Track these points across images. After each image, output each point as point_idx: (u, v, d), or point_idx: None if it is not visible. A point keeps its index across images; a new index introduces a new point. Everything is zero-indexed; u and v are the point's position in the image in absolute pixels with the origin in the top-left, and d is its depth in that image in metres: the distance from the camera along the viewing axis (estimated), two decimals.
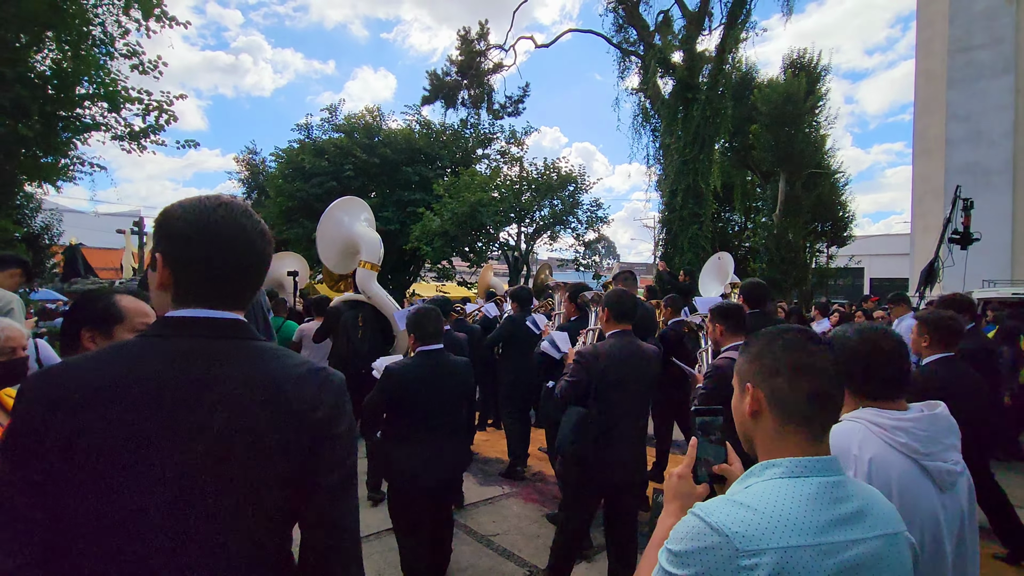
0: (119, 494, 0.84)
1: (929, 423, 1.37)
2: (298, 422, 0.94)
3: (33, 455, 0.84)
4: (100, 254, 27.55)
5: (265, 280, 1.11)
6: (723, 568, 0.85)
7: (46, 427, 0.84)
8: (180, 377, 0.90)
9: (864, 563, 0.90)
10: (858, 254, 20.85)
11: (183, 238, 0.95)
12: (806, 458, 0.97)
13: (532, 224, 17.64)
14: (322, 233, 5.24)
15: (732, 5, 15.10)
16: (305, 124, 22.17)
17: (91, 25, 7.02)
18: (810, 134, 17.74)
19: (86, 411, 0.85)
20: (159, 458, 0.87)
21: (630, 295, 3.14)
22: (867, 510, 0.95)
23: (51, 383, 0.87)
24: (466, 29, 21.35)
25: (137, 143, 7.57)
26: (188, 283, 0.97)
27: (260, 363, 0.96)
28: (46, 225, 15.48)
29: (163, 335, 0.95)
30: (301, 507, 0.96)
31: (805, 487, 0.93)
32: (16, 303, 3.25)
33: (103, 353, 0.93)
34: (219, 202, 1.00)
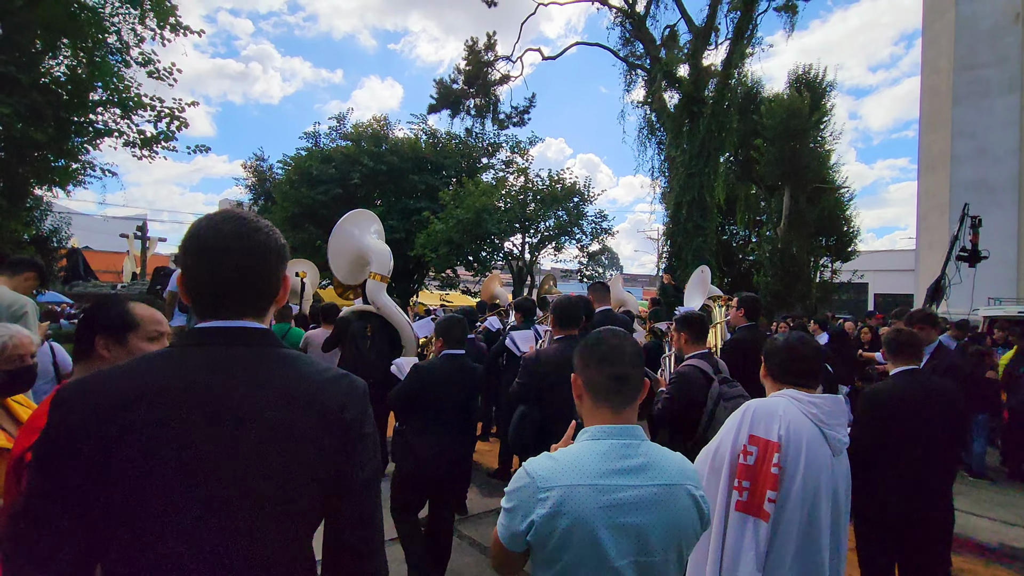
0: (156, 501, 0.86)
1: (832, 403, 1.89)
2: (331, 423, 0.98)
3: (68, 465, 0.85)
4: (105, 257, 27.72)
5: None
6: (528, 500, 1.20)
7: (82, 437, 0.85)
8: (215, 384, 0.93)
9: (638, 503, 1.21)
10: (862, 269, 20.80)
11: (191, 252, 0.99)
12: (607, 426, 1.30)
13: (537, 234, 17.68)
14: (333, 245, 5.28)
15: (739, 20, 15.22)
16: (313, 132, 22.39)
17: (106, 33, 7.14)
18: (815, 149, 17.78)
19: (122, 420, 0.86)
20: (197, 464, 0.88)
21: (577, 303, 3.44)
22: (651, 465, 1.26)
23: (87, 393, 0.89)
24: (474, 40, 21.55)
25: (148, 149, 7.65)
26: (199, 294, 1.00)
27: (291, 368, 1.00)
28: (55, 228, 15.58)
29: (194, 344, 0.97)
30: (333, 504, 1.00)
31: (599, 446, 1.26)
32: (30, 307, 3.26)
33: (137, 363, 0.95)
34: (226, 216, 1.02)
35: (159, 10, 7.12)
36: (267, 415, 0.93)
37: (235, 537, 0.90)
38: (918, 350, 2.89)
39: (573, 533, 1.18)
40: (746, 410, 1.94)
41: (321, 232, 18.34)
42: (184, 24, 7.51)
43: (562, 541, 1.18)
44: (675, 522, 1.24)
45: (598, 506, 1.18)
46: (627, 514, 1.20)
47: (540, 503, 1.19)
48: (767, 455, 1.80)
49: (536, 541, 1.20)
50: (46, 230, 14.87)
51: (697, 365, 3.08)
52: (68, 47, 6.79)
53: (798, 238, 17.36)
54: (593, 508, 1.18)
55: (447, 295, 20.54)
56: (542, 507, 1.18)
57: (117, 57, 7.26)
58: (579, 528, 1.17)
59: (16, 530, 0.87)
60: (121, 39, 7.24)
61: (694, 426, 2.95)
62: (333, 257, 5.32)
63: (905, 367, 2.80)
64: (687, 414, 2.99)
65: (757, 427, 1.86)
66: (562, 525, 1.17)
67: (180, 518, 0.87)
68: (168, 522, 0.87)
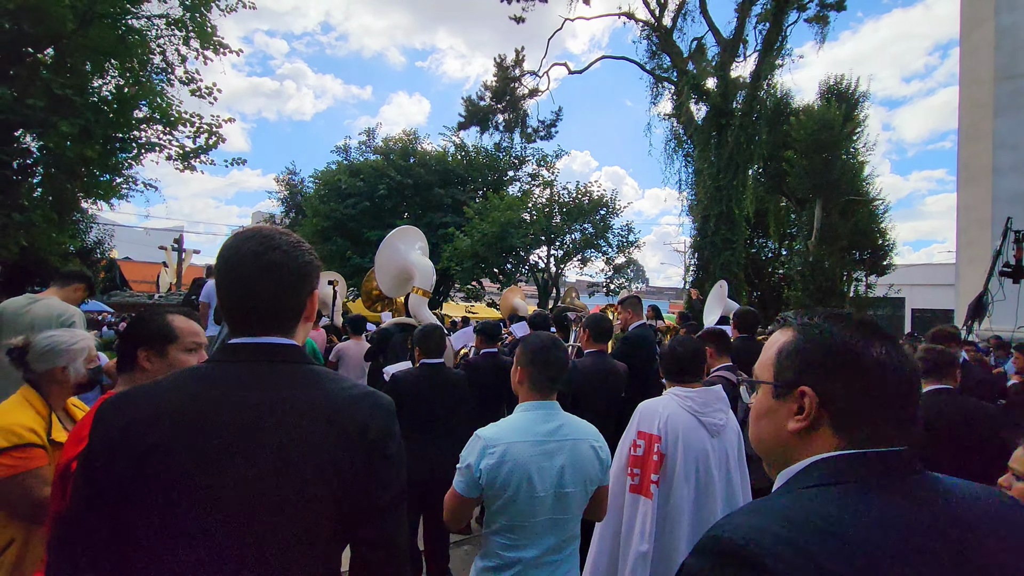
0: (178, 518, 0.88)
1: (705, 394, 2.28)
2: (354, 443, 0.97)
3: (105, 478, 0.88)
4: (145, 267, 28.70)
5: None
6: (481, 454, 1.72)
7: (117, 451, 0.88)
8: (244, 400, 0.94)
9: (556, 451, 1.77)
10: (899, 283, 20.17)
11: (218, 268, 1.02)
12: (536, 402, 1.86)
13: (562, 247, 17.68)
14: (380, 260, 5.46)
15: (768, 32, 15.09)
16: (344, 146, 22.91)
17: (152, 54, 7.48)
18: (847, 160, 17.40)
19: (150, 437, 0.89)
20: (223, 478, 0.89)
21: (608, 320, 3.70)
22: (564, 426, 1.84)
23: (124, 408, 0.93)
24: (502, 56, 21.85)
25: (187, 163, 7.95)
26: (228, 310, 1.03)
27: (316, 386, 1.00)
28: (99, 240, 16.23)
29: (222, 361, 1.00)
30: (357, 526, 0.98)
31: (531, 415, 1.83)
32: (78, 317, 3.40)
33: (170, 379, 0.99)
34: (249, 234, 1.04)
35: (201, 32, 7.44)
36: (290, 434, 0.93)
37: (257, 556, 0.90)
38: (952, 369, 2.72)
39: (514, 474, 1.70)
40: (637, 411, 2.33)
41: (349, 244, 18.69)
42: (224, 43, 7.83)
43: (506, 480, 1.69)
44: (582, 465, 1.80)
45: (530, 454, 1.73)
46: (549, 459, 1.75)
47: (490, 455, 1.71)
48: (651, 446, 2.19)
49: (487, 483, 1.70)
50: (90, 242, 15.49)
51: (725, 376, 3.29)
52: (116, 68, 7.13)
53: (830, 252, 16.93)
54: (527, 456, 1.73)
55: (472, 307, 20.65)
56: (491, 458, 1.70)
57: (162, 76, 7.60)
58: (518, 470, 1.70)
59: (60, 536, 0.92)
60: (166, 59, 7.58)
61: None
62: (380, 271, 5.50)
63: (938, 386, 2.66)
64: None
65: (643, 424, 2.25)
66: (506, 468, 1.70)
67: (202, 537, 0.88)
68: (190, 540, 0.88)
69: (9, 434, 1.71)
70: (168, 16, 7.35)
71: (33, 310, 3.32)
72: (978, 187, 13.82)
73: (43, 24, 5.86)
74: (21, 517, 1.71)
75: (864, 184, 18.29)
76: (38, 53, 6.49)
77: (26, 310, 3.32)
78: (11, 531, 1.71)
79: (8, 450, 1.70)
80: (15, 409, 1.80)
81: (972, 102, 14.66)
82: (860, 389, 0.76)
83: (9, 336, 3.31)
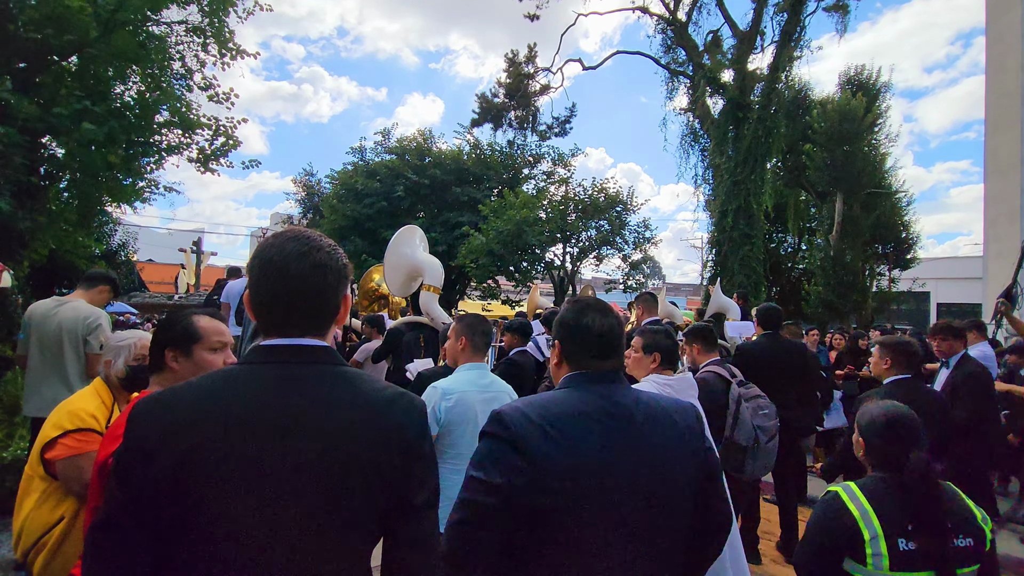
0: (221, 520, 0.88)
1: (681, 381, 2.63)
2: (392, 443, 0.99)
3: (142, 480, 0.87)
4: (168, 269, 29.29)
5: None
6: (439, 401, 2.41)
7: (155, 453, 0.88)
8: (282, 402, 0.94)
9: (494, 399, 2.50)
10: (923, 277, 19.70)
11: (257, 268, 1.02)
12: (474, 363, 2.59)
13: (578, 244, 17.61)
14: (390, 261, 5.49)
15: (786, 23, 14.83)
16: (359, 147, 23.07)
17: (171, 60, 7.61)
18: (869, 153, 17.05)
19: (191, 438, 0.88)
20: (266, 480, 0.90)
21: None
22: (496, 382, 2.60)
23: (161, 409, 0.92)
24: (514, 52, 21.81)
25: (205, 165, 8.07)
26: (265, 311, 1.02)
27: (352, 387, 1.01)
28: (123, 242, 16.59)
29: (260, 363, 1.00)
30: (393, 524, 1.00)
31: (472, 372, 2.55)
32: (104, 319, 3.48)
33: (207, 380, 0.98)
34: (291, 235, 1.04)
35: (220, 38, 7.55)
36: (330, 435, 0.94)
37: (298, 557, 0.91)
38: (911, 359, 3.08)
39: (464, 413, 2.42)
40: None
41: (366, 244, 18.84)
42: (241, 48, 7.93)
43: (457, 417, 2.40)
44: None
45: (477, 399, 2.45)
46: (489, 403, 2.43)
47: (447, 400, 2.42)
48: None
49: (445, 421, 2.38)
50: (115, 245, 15.84)
51: (714, 370, 3.26)
52: (138, 74, 7.27)
53: (852, 245, 16.63)
54: (474, 400, 2.45)
55: (488, 304, 20.69)
56: (448, 402, 2.41)
57: (182, 82, 7.73)
58: (468, 410, 2.42)
59: (96, 540, 0.91)
60: (185, 65, 7.71)
61: (719, 431, 3.08)
62: (390, 272, 5.52)
63: (896, 377, 3.04)
64: (712, 418, 3.13)
65: None
66: (458, 410, 2.41)
67: (245, 538, 0.88)
68: (233, 541, 0.88)
69: (74, 417, 1.87)
70: (187, 22, 7.47)
71: (61, 312, 3.41)
72: (1006, 178, 13.45)
73: (67, 32, 5.99)
74: (74, 495, 1.84)
75: (887, 176, 17.91)
76: (63, 61, 6.65)
77: (54, 312, 3.42)
78: (63, 509, 1.84)
79: (72, 432, 1.85)
80: (84, 397, 1.98)
81: (999, 91, 14.26)
82: (572, 339, 1.41)
83: (41, 338, 3.42)
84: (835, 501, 1.74)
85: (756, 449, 2.98)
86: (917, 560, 1.61)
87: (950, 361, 4.13)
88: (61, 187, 7.27)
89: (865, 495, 1.71)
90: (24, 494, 1.84)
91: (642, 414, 1.29)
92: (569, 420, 1.22)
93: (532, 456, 1.17)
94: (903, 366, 3.06)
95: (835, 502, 1.73)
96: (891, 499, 1.69)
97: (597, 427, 1.23)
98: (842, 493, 1.74)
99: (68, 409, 1.90)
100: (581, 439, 1.21)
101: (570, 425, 1.22)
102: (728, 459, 3.05)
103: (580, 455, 1.19)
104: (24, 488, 1.85)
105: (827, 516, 1.73)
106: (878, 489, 1.73)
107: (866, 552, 1.63)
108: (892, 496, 1.70)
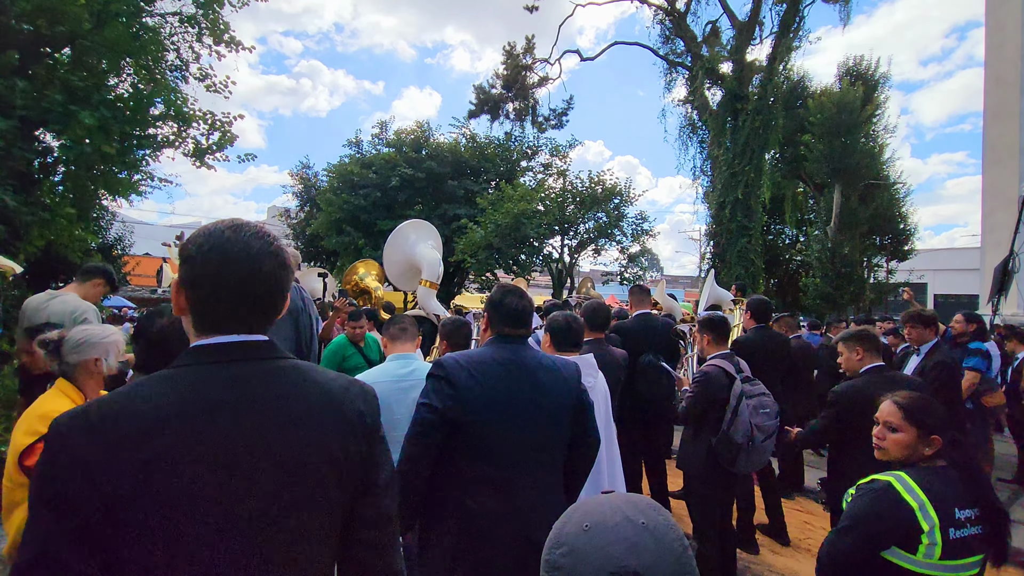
0: (191, 529, 0.81)
1: (580, 361, 2.67)
2: (356, 429, 0.99)
3: (88, 503, 0.77)
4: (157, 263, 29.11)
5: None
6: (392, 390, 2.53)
7: (102, 471, 0.77)
8: (239, 402, 0.89)
9: (412, 387, 2.48)
10: (920, 269, 19.72)
11: (191, 259, 0.93)
12: (400, 354, 2.68)
13: (576, 237, 17.58)
14: (387, 254, 5.50)
15: (784, 13, 14.75)
16: (356, 140, 22.92)
17: (166, 51, 7.54)
18: (867, 144, 17.01)
19: (147, 449, 0.80)
20: (239, 481, 0.85)
21: (603, 309, 3.78)
22: (418, 370, 2.59)
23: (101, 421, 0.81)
24: (512, 44, 21.66)
25: (201, 159, 8.02)
26: (199, 306, 0.94)
27: (308, 379, 0.98)
28: (119, 236, 16.52)
29: (208, 363, 0.92)
30: (358, 506, 1.00)
31: (395, 363, 2.64)
32: (91, 313, 3.43)
33: (147, 386, 0.88)
34: (231, 224, 0.97)
35: (214, 29, 7.48)
36: (298, 428, 0.92)
37: (275, 560, 0.88)
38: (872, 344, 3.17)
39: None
40: None
41: (361, 235, 18.79)
42: (237, 40, 7.86)
43: None
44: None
45: (390, 390, 2.48)
46: (406, 393, 2.49)
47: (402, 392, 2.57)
48: None
49: None
50: (111, 238, 15.78)
51: (720, 365, 3.22)
52: (132, 66, 7.21)
53: (850, 237, 16.62)
54: (387, 390, 2.43)
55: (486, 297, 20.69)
56: None
57: (177, 74, 7.67)
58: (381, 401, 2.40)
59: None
60: (180, 57, 7.65)
61: (718, 423, 3.07)
62: (388, 264, 5.53)
63: (870, 365, 3.12)
64: (711, 411, 3.14)
65: None
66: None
67: (218, 546, 0.83)
68: (208, 550, 0.82)
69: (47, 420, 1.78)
70: (181, 13, 7.40)
71: (51, 306, 3.39)
72: (1004, 168, 13.43)
73: (59, 24, 5.94)
74: None
75: (884, 168, 17.88)
76: (55, 53, 6.59)
77: (45, 306, 3.40)
78: None
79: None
80: (52, 398, 1.89)
81: (998, 80, 14.21)
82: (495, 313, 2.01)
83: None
84: (889, 492, 1.69)
85: (750, 447, 2.98)
86: (965, 547, 1.61)
87: (921, 349, 4.26)
88: (56, 180, 7.23)
89: (920, 486, 1.67)
90: (11, 505, 1.77)
91: (537, 365, 1.93)
92: (487, 366, 1.84)
93: (459, 388, 1.79)
94: (874, 353, 3.16)
95: (889, 493, 1.68)
96: (945, 488, 1.67)
97: (504, 371, 1.86)
98: (895, 483, 1.70)
99: (38, 413, 1.83)
100: (494, 378, 1.83)
101: (487, 369, 1.84)
102: (722, 453, 3.05)
103: (492, 388, 1.82)
104: (9, 499, 1.77)
105: (881, 507, 1.68)
106: (931, 479, 1.70)
107: (921, 543, 1.60)
108: (946, 485, 1.68)
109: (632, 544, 0.69)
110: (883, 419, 1.91)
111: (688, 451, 3.32)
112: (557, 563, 0.73)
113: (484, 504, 1.78)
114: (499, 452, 1.81)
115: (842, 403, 2.99)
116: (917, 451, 1.82)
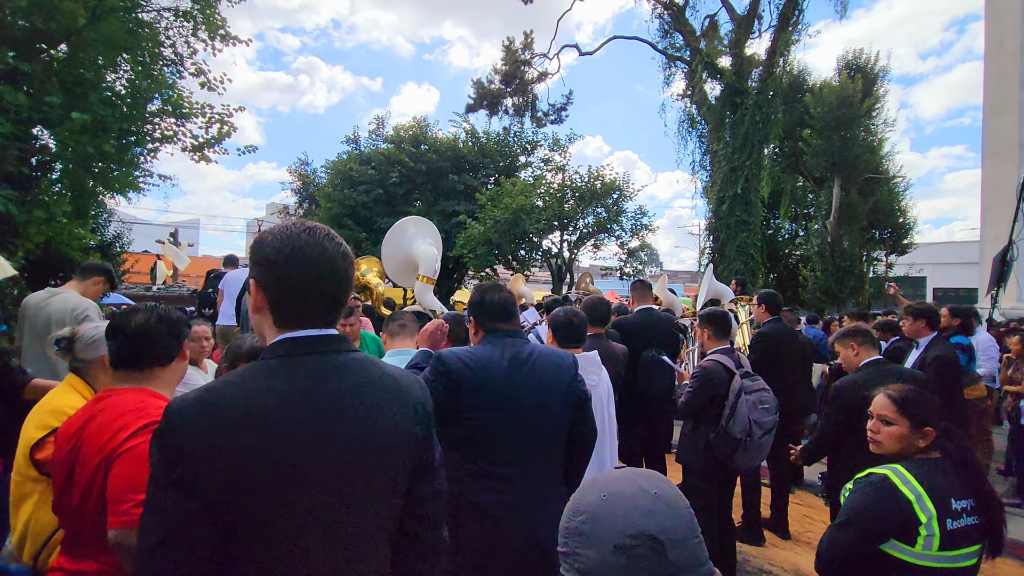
0: (289, 508, 0.89)
1: (584, 358, 2.65)
2: (420, 416, 1.11)
3: (205, 486, 0.84)
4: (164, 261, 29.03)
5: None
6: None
7: (214, 457, 0.85)
8: (326, 389, 0.97)
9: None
10: (919, 263, 19.74)
11: (271, 263, 1.00)
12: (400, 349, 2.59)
13: (575, 232, 17.56)
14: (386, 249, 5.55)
15: (784, 7, 14.69)
16: (353, 137, 22.84)
17: (162, 47, 7.51)
18: (866, 138, 16.97)
19: (252, 437, 0.88)
20: (322, 466, 0.93)
21: (603, 304, 3.76)
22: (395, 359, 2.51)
23: (208, 412, 0.89)
24: (510, 39, 21.58)
25: (200, 154, 8.00)
26: (281, 304, 1.01)
27: (374, 370, 1.08)
28: (117, 234, 16.48)
29: (295, 355, 0.99)
30: (416, 486, 1.10)
31: (395, 359, 2.36)
32: (92, 310, 3.43)
33: (245, 378, 0.96)
34: (304, 227, 1.04)
35: (209, 23, 7.45)
36: (372, 415, 1.01)
37: (361, 539, 0.99)
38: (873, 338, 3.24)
39: None
40: None
41: (360, 230, 18.78)
42: (233, 35, 7.83)
43: None
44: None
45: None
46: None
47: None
48: None
49: None
50: (110, 236, 15.74)
51: (719, 360, 3.22)
52: (128, 61, 7.18)
53: (849, 231, 16.62)
54: None
55: None
56: None
57: (173, 69, 7.64)
58: None
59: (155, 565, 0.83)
60: (176, 52, 7.61)
61: (716, 418, 3.09)
62: (386, 260, 5.57)
63: (869, 359, 3.16)
64: (709, 406, 3.16)
65: None
66: None
67: (314, 527, 0.92)
68: (299, 533, 0.91)
69: (59, 414, 1.80)
70: (176, 8, 7.37)
71: (51, 304, 3.38)
72: (1004, 161, 13.42)
73: (55, 20, 5.90)
74: None
75: (883, 162, 17.85)
76: (51, 49, 6.55)
77: (45, 304, 3.39)
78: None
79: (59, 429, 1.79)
80: (64, 393, 1.91)
81: (997, 74, 14.18)
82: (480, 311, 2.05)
83: (33, 329, 3.40)
84: (885, 484, 1.69)
85: (748, 442, 2.99)
86: (963, 538, 1.62)
87: (920, 342, 4.30)
88: (53, 178, 7.21)
89: (917, 478, 1.67)
90: (20, 499, 1.77)
91: (534, 356, 1.96)
92: (482, 358, 1.89)
93: (453, 376, 1.85)
94: (870, 347, 3.21)
95: (885, 485, 1.69)
96: (941, 479, 1.68)
97: (503, 362, 1.90)
98: (892, 476, 1.70)
99: (50, 407, 1.84)
100: (490, 367, 1.88)
101: (482, 360, 1.89)
102: (720, 448, 3.06)
103: (488, 378, 1.86)
104: (18, 493, 1.78)
105: (878, 500, 1.68)
106: (927, 471, 1.70)
107: (919, 535, 1.61)
108: (942, 476, 1.69)
109: (648, 511, 0.78)
110: (877, 412, 1.92)
111: (687, 446, 3.33)
112: (579, 529, 0.80)
113: (485, 498, 1.81)
114: (499, 446, 1.84)
115: (842, 398, 3.00)
116: (912, 443, 1.82)
